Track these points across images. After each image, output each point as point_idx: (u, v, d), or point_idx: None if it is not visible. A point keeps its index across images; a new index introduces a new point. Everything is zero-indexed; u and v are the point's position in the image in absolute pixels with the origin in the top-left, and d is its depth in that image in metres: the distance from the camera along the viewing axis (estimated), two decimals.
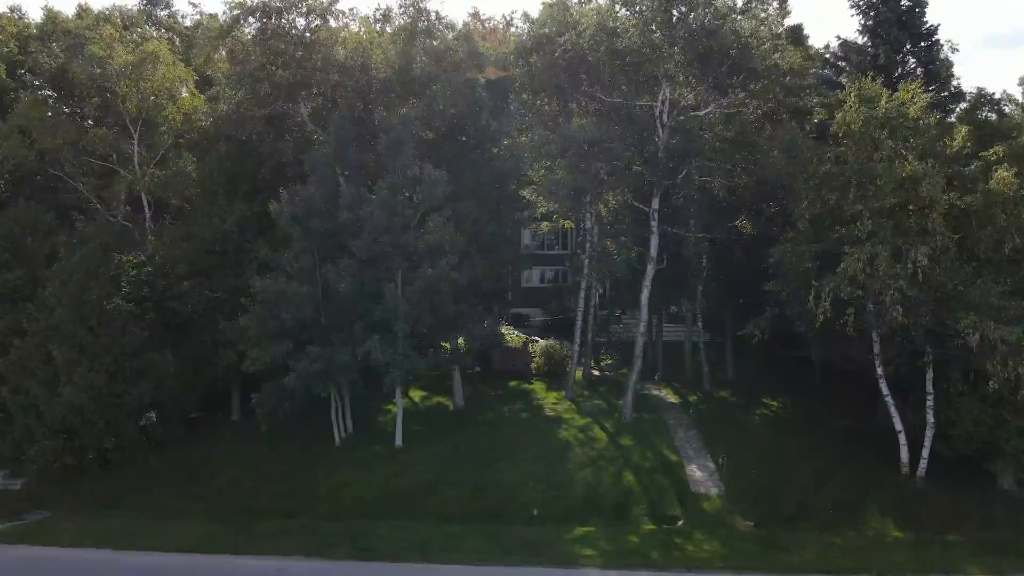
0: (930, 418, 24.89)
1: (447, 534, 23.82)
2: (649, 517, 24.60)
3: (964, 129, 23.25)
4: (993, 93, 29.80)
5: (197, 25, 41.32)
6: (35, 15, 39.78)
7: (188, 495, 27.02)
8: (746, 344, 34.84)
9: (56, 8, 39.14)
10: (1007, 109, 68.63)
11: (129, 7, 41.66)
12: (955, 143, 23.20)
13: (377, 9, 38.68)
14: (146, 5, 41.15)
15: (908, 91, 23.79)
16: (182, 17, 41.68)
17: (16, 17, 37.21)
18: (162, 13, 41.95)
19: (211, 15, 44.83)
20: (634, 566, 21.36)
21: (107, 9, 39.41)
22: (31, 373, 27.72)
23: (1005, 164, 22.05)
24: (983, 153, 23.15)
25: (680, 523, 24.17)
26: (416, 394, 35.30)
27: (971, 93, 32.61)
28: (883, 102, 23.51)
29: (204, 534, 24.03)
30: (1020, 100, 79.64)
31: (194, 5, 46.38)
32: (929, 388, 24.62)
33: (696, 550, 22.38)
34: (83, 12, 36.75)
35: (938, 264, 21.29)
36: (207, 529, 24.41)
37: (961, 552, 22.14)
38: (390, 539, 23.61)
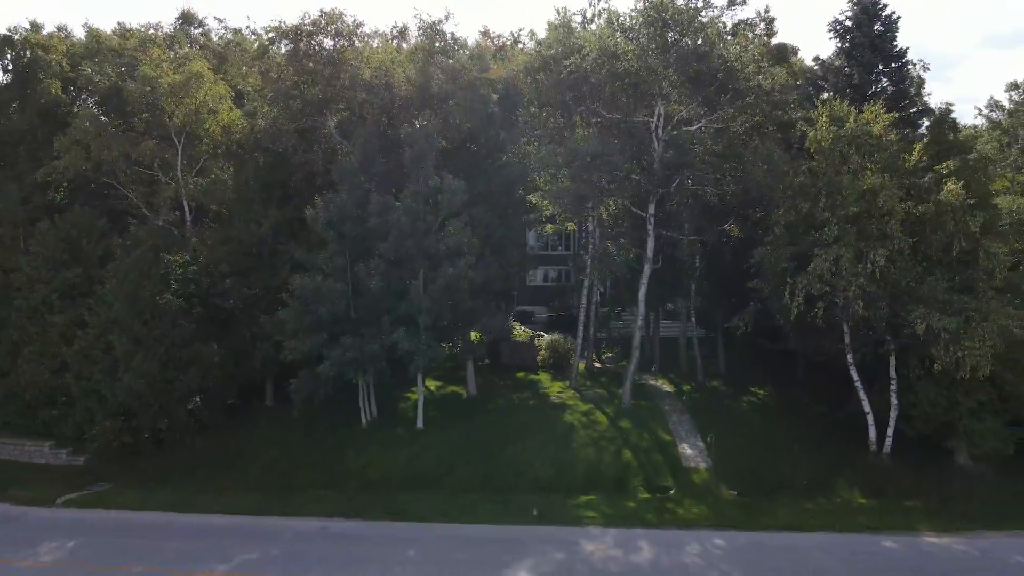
0: (893, 400, 28.25)
1: (465, 503, 27.14)
2: (645, 487, 27.98)
3: (919, 146, 26.59)
4: (952, 111, 33.12)
5: (227, 43, 44.83)
6: (78, 31, 42.40)
7: (232, 472, 30.31)
8: (736, 339, 38.37)
9: (96, 26, 42.33)
10: (994, 115, 72.29)
11: (163, 25, 45.12)
12: (912, 158, 26.57)
13: (394, 26, 41.39)
14: (181, 24, 44.86)
15: (872, 112, 27.17)
16: (214, 34, 45.62)
17: (63, 36, 40.58)
18: (196, 31, 45.43)
19: (236, 30, 48.77)
20: (631, 525, 24.75)
21: (145, 27, 42.80)
22: (93, 361, 31.11)
23: (954, 177, 25.43)
24: (937, 167, 26.52)
25: (672, 492, 27.57)
26: (432, 384, 38.59)
27: (940, 108, 36.16)
28: (850, 122, 26.91)
29: (252, 501, 27.42)
30: (1007, 106, 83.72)
31: (219, 20, 49.19)
32: (892, 374, 27.99)
33: (686, 513, 25.79)
34: (127, 33, 40.12)
35: (894, 264, 24.69)
36: (253, 498, 27.79)
37: (917, 515, 25.49)
38: (416, 506, 26.94)
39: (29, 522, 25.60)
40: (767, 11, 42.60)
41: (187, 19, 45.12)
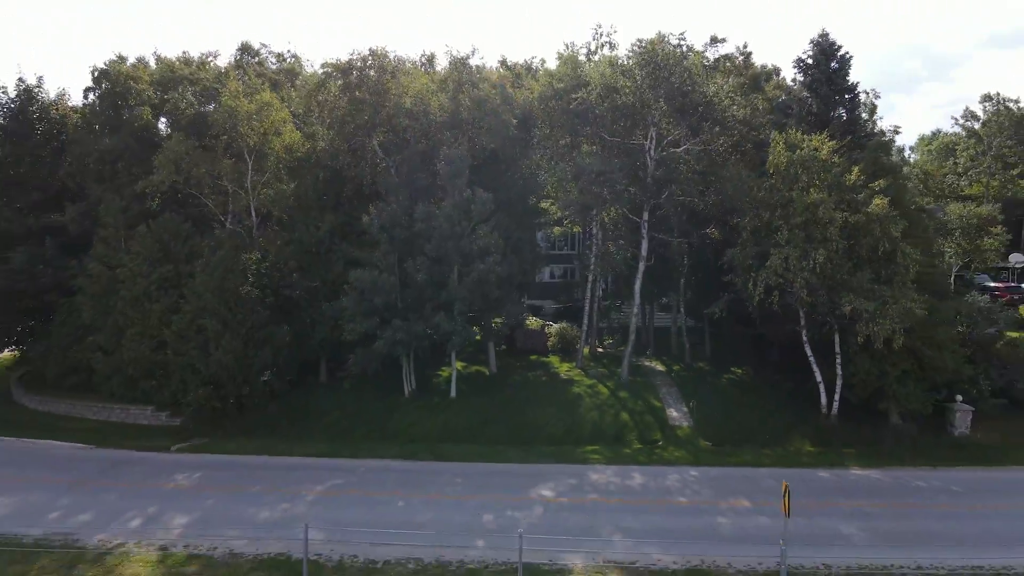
0: (839, 371, 35.58)
1: (495, 451, 34.40)
2: (638, 440, 35.33)
3: (857, 168, 33.91)
4: (892, 136, 40.50)
5: (280, 71, 52.26)
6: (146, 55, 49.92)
7: (302, 429, 37.66)
8: (721, 327, 45.93)
9: (165, 55, 49.74)
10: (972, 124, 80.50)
11: (220, 53, 52.55)
12: (852, 177, 33.87)
13: (423, 54, 48.75)
14: (242, 55, 52.25)
15: (819, 140, 34.52)
16: (267, 63, 53.08)
17: (144, 66, 47.94)
18: (253, 60, 52.89)
19: (280, 54, 56.33)
20: (626, 463, 32.09)
21: (205, 56, 50.15)
22: (187, 341, 38.41)
23: (882, 194, 32.74)
24: (871, 184, 33.81)
25: (659, 443, 34.93)
26: (459, 364, 45.88)
27: (890, 130, 43.61)
28: (802, 149, 34.26)
29: (323, 449, 34.72)
30: (981, 116, 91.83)
31: (272, 51, 56.42)
32: (837, 350, 35.32)
33: (669, 456, 33.14)
34: (190, 61, 47.52)
35: (831, 262, 31.99)
36: (324, 446, 35.10)
37: (850, 457, 32.81)
38: (456, 452, 34.16)
39: (155, 463, 32.94)
40: (745, 46, 49.94)
41: (246, 50, 52.72)
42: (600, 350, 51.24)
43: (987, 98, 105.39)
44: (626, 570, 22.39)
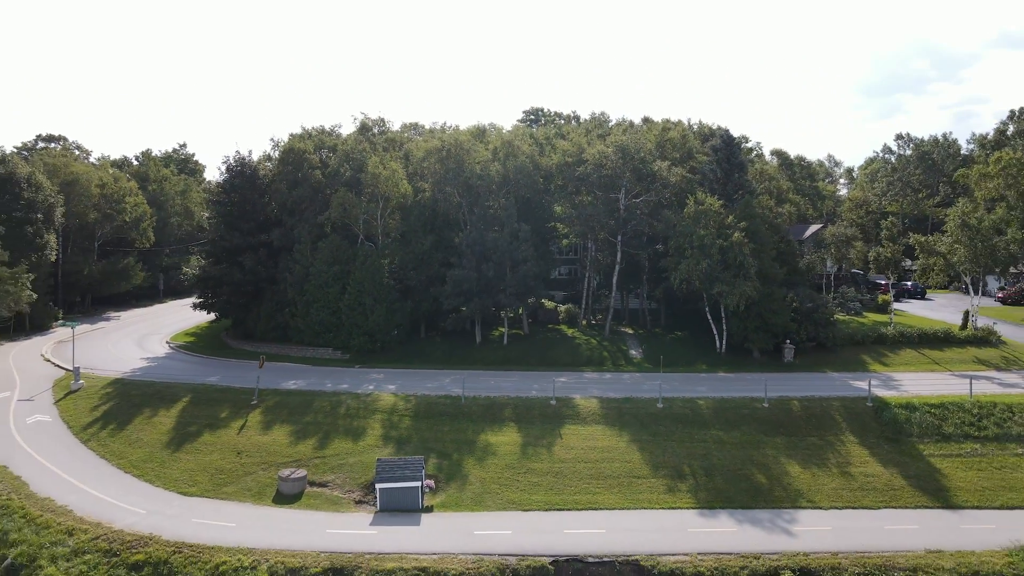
0: (724, 327, 66.31)
1: (531, 370, 64.90)
2: (611, 364, 65.94)
3: (731, 216, 64.27)
4: (761, 194, 71.20)
5: (388, 140, 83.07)
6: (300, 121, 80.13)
7: (420, 360, 68.13)
8: (670, 306, 76.76)
9: (309, 127, 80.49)
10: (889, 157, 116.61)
11: (343, 125, 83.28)
12: (729, 220, 64.24)
13: (477, 126, 79.42)
14: (361, 132, 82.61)
15: (711, 200, 64.99)
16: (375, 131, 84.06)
17: (308, 137, 78.40)
18: (373, 130, 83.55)
19: (382, 121, 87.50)
20: (603, 372, 62.77)
21: (332, 127, 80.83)
22: (353, 309, 68.90)
23: (741, 233, 63.19)
24: (741, 224, 64.17)
25: (622, 364, 65.60)
26: (503, 330, 76.57)
27: (771, 191, 74.25)
28: (705, 204, 64.74)
29: (436, 366, 65.16)
30: (895, 151, 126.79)
31: (383, 121, 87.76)
32: (721, 315, 65.99)
33: (627, 370, 63.81)
34: (334, 134, 78.19)
35: (711, 267, 62.43)
36: (436, 366, 65.54)
37: (725, 370, 63.33)
38: (508, 368, 64.71)
39: (351, 372, 63.49)
40: (683, 135, 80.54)
41: (363, 129, 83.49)
42: (593, 321, 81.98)
43: (899, 136, 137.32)
44: (598, 399, 53.09)
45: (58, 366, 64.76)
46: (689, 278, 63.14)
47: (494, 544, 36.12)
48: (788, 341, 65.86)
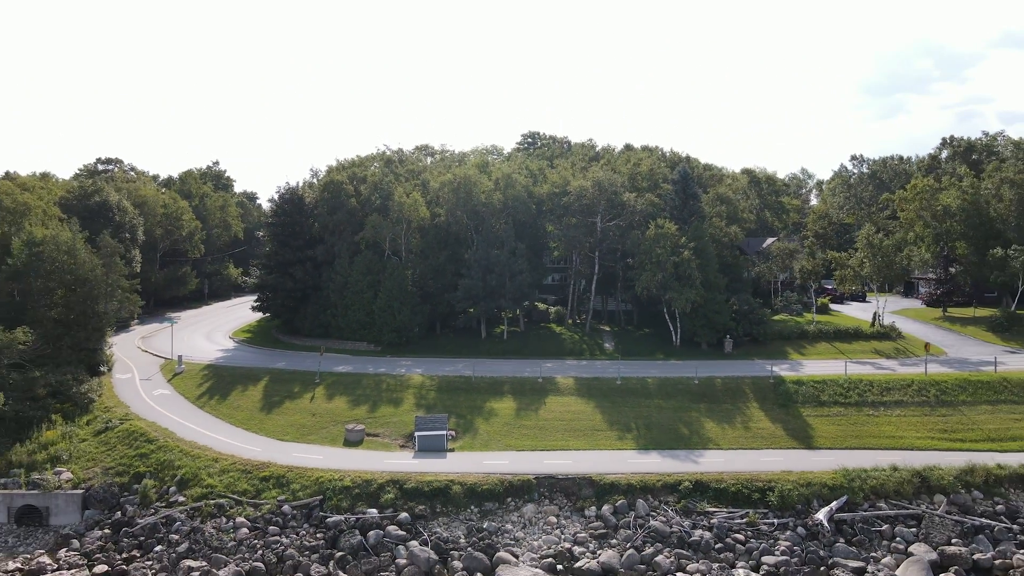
0: (679, 325, 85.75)
1: (528, 359, 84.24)
2: (589, 355, 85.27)
3: (683, 238, 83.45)
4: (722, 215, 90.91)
5: (409, 170, 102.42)
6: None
7: (437, 353, 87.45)
8: (642, 307, 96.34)
9: (346, 158, 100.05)
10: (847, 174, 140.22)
11: (366, 150, 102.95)
12: (682, 240, 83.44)
13: (480, 156, 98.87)
14: (387, 165, 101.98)
15: (670, 224, 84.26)
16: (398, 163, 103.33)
17: (342, 168, 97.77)
18: (395, 159, 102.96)
19: (400, 151, 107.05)
20: (581, 360, 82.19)
21: (363, 159, 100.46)
22: (384, 311, 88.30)
23: (690, 251, 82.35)
24: (690, 244, 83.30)
25: (598, 355, 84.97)
26: (503, 327, 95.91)
27: (722, 214, 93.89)
28: (664, 228, 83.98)
29: (450, 355, 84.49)
30: (852, 171, 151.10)
31: (401, 150, 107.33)
32: (676, 315, 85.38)
33: (601, 359, 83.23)
34: (362, 164, 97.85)
35: (666, 279, 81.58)
36: (449, 356, 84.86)
37: (680, 359, 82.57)
38: (510, 358, 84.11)
39: (385, 360, 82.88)
40: (651, 168, 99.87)
41: (387, 162, 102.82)
42: (577, 320, 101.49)
43: (853, 157, 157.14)
44: (574, 378, 72.55)
45: (156, 356, 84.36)
46: (648, 287, 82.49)
47: (497, 467, 55.49)
48: (728, 336, 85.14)
